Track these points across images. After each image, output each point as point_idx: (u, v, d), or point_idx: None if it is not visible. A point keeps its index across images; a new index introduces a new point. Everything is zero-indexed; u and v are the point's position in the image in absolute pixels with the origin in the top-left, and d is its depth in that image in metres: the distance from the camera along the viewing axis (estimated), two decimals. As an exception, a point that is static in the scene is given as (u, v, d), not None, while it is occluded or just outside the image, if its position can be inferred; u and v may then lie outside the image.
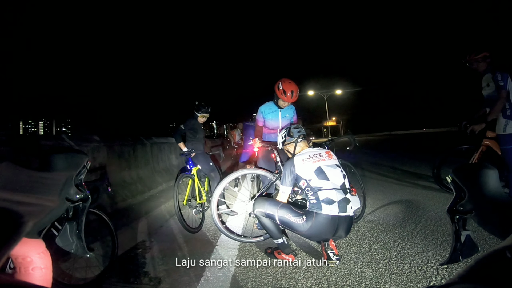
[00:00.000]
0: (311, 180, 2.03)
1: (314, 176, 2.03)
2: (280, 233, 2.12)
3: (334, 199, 1.94)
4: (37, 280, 0.81)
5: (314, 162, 2.09)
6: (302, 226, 1.95)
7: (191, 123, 3.52)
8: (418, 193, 3.85)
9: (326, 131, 59.27)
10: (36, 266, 0.81)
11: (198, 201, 3.24)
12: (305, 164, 2.09)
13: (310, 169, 2.06)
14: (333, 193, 1.96)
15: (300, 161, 2.12)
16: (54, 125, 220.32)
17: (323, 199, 1.94)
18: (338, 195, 1.96)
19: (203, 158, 3.45)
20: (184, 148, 3.45)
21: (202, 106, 3.50)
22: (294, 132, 2.34)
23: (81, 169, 1.14)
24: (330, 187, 1.98)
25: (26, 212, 0.54)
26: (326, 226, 1.93)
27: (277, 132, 3.13)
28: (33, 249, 0.83)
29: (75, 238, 1.14)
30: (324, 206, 1.93)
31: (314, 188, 2.00)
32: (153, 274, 2.04)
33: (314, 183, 2.01)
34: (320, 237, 2.01)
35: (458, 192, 0.75)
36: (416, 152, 10.26)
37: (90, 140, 3.44)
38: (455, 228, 0.79)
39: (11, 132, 78.32)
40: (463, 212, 0.74)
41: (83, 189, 1.14)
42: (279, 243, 2.12)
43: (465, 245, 0.78)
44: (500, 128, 3.11)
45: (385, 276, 1.79)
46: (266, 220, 2.10)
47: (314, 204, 1.97)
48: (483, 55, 3.25)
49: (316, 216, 1.94)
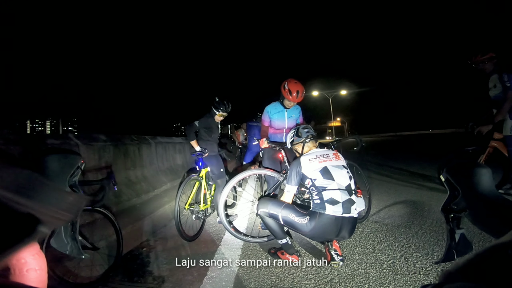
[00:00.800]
0: (316, 179, 2.04)
1: (320, 175, 2.04)
2: (283, 234, 2.13)
3: (339, 200, 1.94)
4: (32, 282, 0.81)
5: (320, 162, 2.10)
6: (306, 226, 1.95)
7: (207, 121, 3.20)
8: (424, 195, 3.82)
9: (331, 131, 59.07)
10: (30, 268, 0.82)
11: (201, 207, 2.94)
12: (311, 164, 2.09)
13: (316, 168, 2.07)
14: (337, 193, 1.96)
15: (306, 160, 2.13)
16: (61, 124, 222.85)
17: (327, 199, 1.95)
18: (343, 196, 1.96)
19: (216, 161, 3.18)
20: (197, 147, 3.11)
21: (223, 103, 3.17)
22: (302, 132, 2.36)
23: (75, 170, 1.14)
24: (335, 188, 1.98)
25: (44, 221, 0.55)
26: (329, 227, 1.93)
27: (283, 132, 3.14)
28: (28, 251, 0.84)
29: (70, 239, 1.14)
30: (328, 206, 1.93)
31: (318, 188, 2.00)
32: (157, 273, 2.06)
33: (319, 183, 2.02)
34: (323, 237, 2.01)
35: (452, 190, 0.76)
36: (421, 153, 10.18)
37: (96, 139, 3.46)
38: (449, 226, 0.80)
39: (19, 131, 79.38)
40: (457, 211, 0.75)
41: (77, 189, 1.14)
42: (282, 243, 2.12)
43: (459, 244, 0.79)
44: (507, 130, 3.08)
45: (389, 277, 1.78)
46: (269, 220, 2.10)
47: (318, 204, 1.97)
48: (489, 56, 3.23)
49: (320, 216, 1.94)
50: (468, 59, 3.40)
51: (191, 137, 3.12)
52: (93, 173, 3.12)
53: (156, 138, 5.47)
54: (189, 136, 3.13)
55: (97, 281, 1.90)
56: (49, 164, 1.03)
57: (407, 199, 3.66)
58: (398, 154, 11.14)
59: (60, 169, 1.06)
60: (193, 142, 3.12)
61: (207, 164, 3.13)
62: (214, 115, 3.21)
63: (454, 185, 0.74)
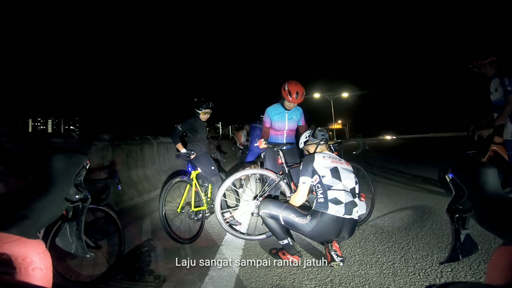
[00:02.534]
0: (324, 176, 2.08)
1: (329, 173, 2.08)
2: (285, 234, 2.14)
3: (342, 200, 1.98)
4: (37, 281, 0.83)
5: (332, 161, 2.17)
6: (306, 226, 1.99)
7: (190, 123, 3.21)
8: (424, 197, 3.83)
9: (332, 134, 59.04)
10: (36, 267, 0.83)
11: (193, 208, 2.89)
12: (324, 161, 2.16)
13: (327, 166, 2.13)
14: (342, 194, 2.01)
15: (320, 156, 2.20)
16: (63, 123, 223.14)
17: (331, 198, 1.99)
18: (347, 197, 2.01)
19: (205, 160, 3.16)
20: (182, 150, 3.09)
21: (202, 101, 3.19)
22: (318, 134, 2.44)
23: (80, 170, 1.15)
24: (340, 188, 2.03)
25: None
26: (330, 226, 1.96)
27: (283, 133, 3.17)
28: (33, 250, 0.85)
29: (75, 238, 1.15)
30: (331, 206, 1.97)
31: (325, 186, 2.04)
32: (158, 273, 2.06)
33: (326, 180, 2.06)
34: (323, 237, 2.03)
35: (457, 191, 0.75)
36: (422, 156, 10.17)
37: (99, 138, 3.49)
38: (454, 227, 0.79)
39: (20, 130, 79.50)
40: (462, 211, 0.75)
41: (82, 189, 1.15)
42: (284, 244, 2.14)
43: (464, 244, 0.79)
44: (508, 134, 3.10)
45: (389, 278, 1.79)
46: (271, 221, 2.12)
47: (321, 203, 2.01)
48: (491, 60, 3.23)
49: (321, 216, 1.97)
50: (470, 63, 3.41)
51: (175, 141, 3.15)
52: (96, 172, 3.14)
53: (158, 138, 5.49)
54: (174, 140, 3.16)
55: (98, 280, 1.91)
56: (54, 164, 1.05)
57: (407, 202, 3.67)
58: (399, 157, 11.15)
59: (65, 168, 1.07)
60: (178, 145, 3.15)
61: (196, 165, 3.12)
62: (198, 115, 3.23)
63: (459, 185, 0.74)
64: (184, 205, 2.89)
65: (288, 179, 2.67)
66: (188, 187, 2.97)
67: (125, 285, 1.93)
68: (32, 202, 0.72)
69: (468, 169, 0.74)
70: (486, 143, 3.43)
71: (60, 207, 0.92)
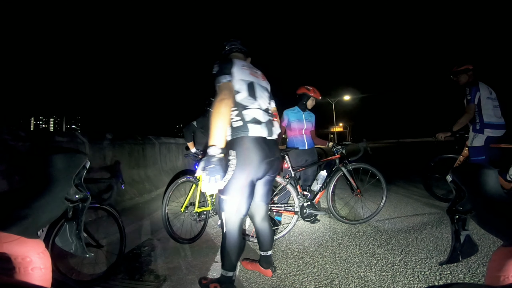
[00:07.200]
0: (240, 93, 1.64)
1: (245, 89, 1.66)
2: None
3: (262, 120, 1.66)
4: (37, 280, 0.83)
5: (250, 73, 1.74)
6: (232, 172, 1.56)
7: (204, 121, 3.15)
8: (425, 201, 3.83)
9: (333, 137, 58.94)
10: (35, 266, 0.84)
11: (197, 209, 2.84)
12: (243, 71, 1.70)
13: (244, 79, 1.68)
14: (260, 113, 1.67)
15: (240, 64, 1.72)
16: (65, 122, 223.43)
17: (250, 119, 1.63)
18: (265, 117, 1.70)
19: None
20: (193, 149, 3.08)
21: None
22: (226, 44, 1.98)
23: (81, 169, 1.16)
24: (257, 107, 1.68)
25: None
26: (256, 151, 1.59)
27: (302, 133, 3.32)
28: (33, 249, 0.85)
29: (75, 238, 1.16)
30: (251, 127, 1.61)
31: (240, 104, 1.64)
32: (158, 272, 2.07)
33: (241, 98, 1.64)
34: (250, 172, 1.58)
35: (457, 192, 0.76)
36: (423, 158, 10.14)
37: (102, 138, 3.51)
38: (454, 228, 0.79)
39: (23, 128, 79.60)
40: (463, 212, 0.75)
41: (82, 189, 1.16)
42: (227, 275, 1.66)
43: (464, 245, 0.79)
44: (469, 141, 3.29)
45: (388, 280, 1.80)
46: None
47: (240, 127, 1.61)
48: (465, 68, 3.39)
49: (243, 141, 1.59)
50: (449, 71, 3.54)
51: (189, 138, 3.08)
52: (98, 171, 3.16)
53: (160, 138, 5.51)
54: (187, 137, 3.10)
55: (99, 279, 1.92)
56: (54, 163, 1.06)
57: (407, 205, 3.67)
58: (400, 159, 11.15)
59: (66, 168, 1.08)
60: (190, 143, 3.08)
61: None
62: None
63: (460, 186, 0.75)
64: (188, 205, 2.87)
65: (294, 182, 2.70)
66: (194, 187, 2.94)
67: (126, 284, 1.93)
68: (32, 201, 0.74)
69: (468, 170, 0.74)
70: (462, 147, 3.51)
71: (60, 206, 0.93)
